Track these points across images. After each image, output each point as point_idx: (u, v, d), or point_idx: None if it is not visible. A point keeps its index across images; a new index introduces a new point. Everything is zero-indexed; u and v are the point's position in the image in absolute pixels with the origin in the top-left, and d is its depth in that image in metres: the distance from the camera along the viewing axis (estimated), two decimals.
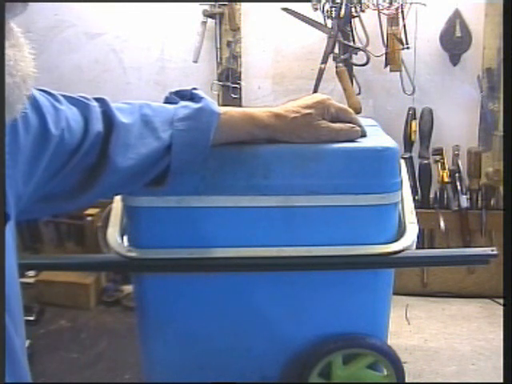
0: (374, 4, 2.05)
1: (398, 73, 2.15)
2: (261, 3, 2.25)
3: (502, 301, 2.09)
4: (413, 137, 2.20)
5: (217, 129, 0.87)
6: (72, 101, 0.78)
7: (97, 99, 0.82)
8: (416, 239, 1.02)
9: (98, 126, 0.79)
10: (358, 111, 2.03)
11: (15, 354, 0.58)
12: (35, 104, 0.69)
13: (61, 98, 0.76)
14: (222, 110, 0.90)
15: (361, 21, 2.08)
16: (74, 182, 0.78)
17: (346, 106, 1.01)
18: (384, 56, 2.12)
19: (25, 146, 0.66)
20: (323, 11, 2.08)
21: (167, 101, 0.92)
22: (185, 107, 0.87)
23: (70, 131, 0.74)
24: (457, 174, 2.20)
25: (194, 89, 0.92)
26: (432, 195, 2.24)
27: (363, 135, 1.00)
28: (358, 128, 0.98)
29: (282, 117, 0.93)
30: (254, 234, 0.99)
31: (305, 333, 1.08)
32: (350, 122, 0.98)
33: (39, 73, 0.55)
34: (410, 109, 2.20)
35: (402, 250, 0.99)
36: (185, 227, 0.99)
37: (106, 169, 0.79)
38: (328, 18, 2.09)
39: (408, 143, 2.21)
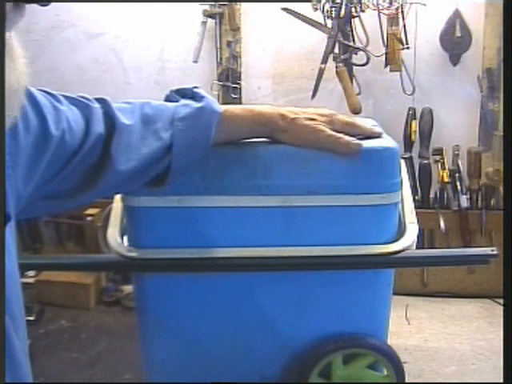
0: (373, 4, 2.05)
1: (398, 73, 2.14)
2: (261, 3, 2.25)
3: (501, 301, 2.09)
4: (413, 137, 2.20)
5: (218, 127, 0.87)
6: (73, 101, 0.78)
7: (98, 100, 0.82)
8: (416, 239, 1.02)
9: (99, 127, 0.78)
10: (358, 111, 2.04)
11: (15, 355, 0.58)
12: (36, 104, 0.69)
13: (61, 99, 0.75)
14: (223, 107, 0.90)
15: (361, 21, 2.08)
16: (74, 182, 0.78)
17: (353, 120, 0.99)
18: (384, 56, 2.11)
19: (25, 147, 0.66)
20: (323, 11, 2.08)
21: (168, 99, 0.92)
22: (185, 106, 0.87)
23: (70, 132, 0.74)
24: (457, 174, 2.20)
25: (195, 87, 0.92)
26: (432, 195, 2.24)
27: (377, 136, 0.99)
28: (358, 142, 0.94)
29: (283, 115, 0.93)
30: (254, 234, 0.99)
31: (305, 333, 1.08)
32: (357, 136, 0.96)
33: (39, 73, 0.55)
34: (410, 109, 2.20)
35: (402, 250, 0.99)
36: (185, 227, 0.99)
37: (107, 169, 0.79)
38: (328, 18, 2.09)
39: (408, 143, 2.21)
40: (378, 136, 1.00)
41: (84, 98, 0.80)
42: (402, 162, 1.10)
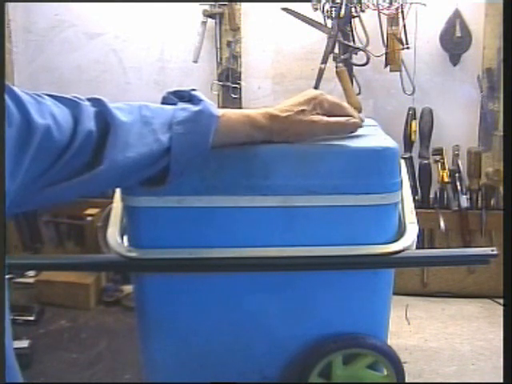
0: (373, 4, 2.05)
1: (398, 73, 2.14)
2: (261, 3, 2.25)
3: (502, 301, 2.09)
4: (413, 137, 2.20)
5: (215, 131, 0.87)
6: (61, 100, 0.78)
7: (93, 99, 0.82)
8: (416, 239, 1.02)
9: (89, 124, 0.78)
10: (358, 111, 2.03)
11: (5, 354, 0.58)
12: (17, 99, 0.69)
13: (45, 97, 0.76)
14: (220, 112, 0.89)
15: (361, 21, 2.09)
16: (68, 178, 0.78)
17: (339, 100, 1.00)
18: (384, 56, 2.12)
19: (8, 140, 0.66)
20: (323, 11, 2.08)
21: (165, 101, 0.92)
22: (184, 109, 0.87)
23: (58, 128, 0.73)
24: (457, 174, 2.20)
25: (193, 90, 0.91)
26: (432, 195, 2.25)
27: (360, 126, 1.00)
28: (354, 120, 0.97)
29: (275, 117, 0.92)
30: (254, 233, 0.99)
31: (305, 333, 1.08)
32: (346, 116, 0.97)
33: (39, 73, 0.55)
34: (410, 109, 2.20)
35: (402, 250, 0.99)
36: (185, 227, 0.99)
37: (101, 167, 0.79)
38: (328, 18, 2.09)
39: (408, 143, 2.21)
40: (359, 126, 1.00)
41: (75, 97, 0.80)
42: (402, 161, 1.10)
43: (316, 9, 2.08)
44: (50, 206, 1.84)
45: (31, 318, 2.02)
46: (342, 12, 2.06)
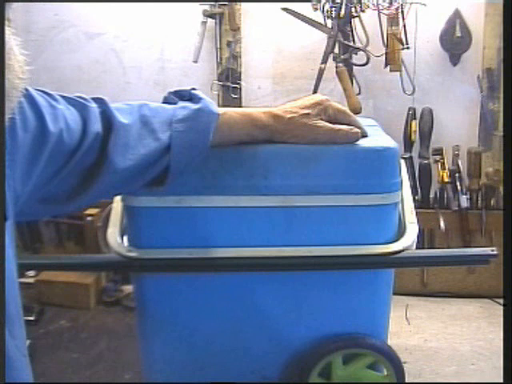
0: (374, 4, 2.05)
1: (398, 73, 2.15)
2: (261, 3, 2.25)
3: (501, 301, 2.09)
4: (413, 137, 2.20)
5: (216, 129, 0.87)
6: (70, 101, 0.78)
7: (96, 99, 0.82)
8: (416, 239, 1.02)
9: (96, 126, 0.78)
10: (357, 111, 2.04)
11: (7, 354, 0.58)
12: (33, 103, 0.69)
13: (59, 98, 0.76)
14: (221, 110, 0.89)
15: (361, 21, 2.09)
16: (73, 183, 0.78)
17: (345, 108, 0.99)
18: (384, 56, 2.12)
19: (23, 145, 0.66)
20: (323, 11, 2.08)
21: (166, 101, 0.92)
22: (183, 108, 0.87)
23: (68, 132, 0.73)
24: (457, 174, 2.20)
25: (193, 89, 0.92)
26: (432, 195, 2.25)
27: (364, 136, 0.99)
28: (357, 130, 0.96)
29: (279, 117, 0.92)
30: (253, 234, 0.99)
31: (305, 333, 1.08)
32: (349, 124, 0.96)
33: (39, 73, 0.55)
34: (409, 109, 2.21)
35: (402, 250, 0.99)
36: (185, 227, 0.99)
37: (105, 169, 0.79)
38: (328, 18, 2.09)
39: (408, 143, 2.21)
40: (364, 136, 1.00)
41: (81, 98, 0.80)
42: (402, 161, 1.10)
43: (316, 9, 2.09)
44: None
45: (31, 318, 2.02)
46: (342, 12, 2.06)
